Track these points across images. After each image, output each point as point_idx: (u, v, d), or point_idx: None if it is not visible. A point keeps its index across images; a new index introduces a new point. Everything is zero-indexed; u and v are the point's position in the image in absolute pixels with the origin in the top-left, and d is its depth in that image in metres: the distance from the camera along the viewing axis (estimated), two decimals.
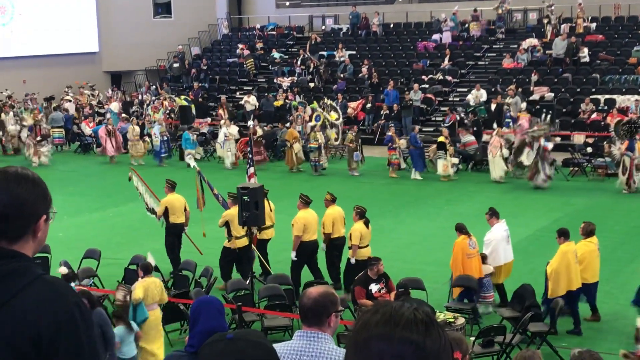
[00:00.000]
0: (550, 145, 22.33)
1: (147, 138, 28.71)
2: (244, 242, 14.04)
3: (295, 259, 14.04)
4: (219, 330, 4.63)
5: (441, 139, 24.04)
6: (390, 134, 24.96)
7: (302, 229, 13.94)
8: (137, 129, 28.05)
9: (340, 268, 14.24)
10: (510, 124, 25.74)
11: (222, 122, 27.84)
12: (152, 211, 16.01)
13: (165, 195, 15.54)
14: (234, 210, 13.97)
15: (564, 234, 12.21)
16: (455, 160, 24.16)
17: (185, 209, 15.38)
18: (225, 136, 26.56)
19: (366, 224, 13.72)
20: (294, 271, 14.06)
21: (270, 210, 14.61)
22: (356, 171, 24.88)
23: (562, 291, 11.93)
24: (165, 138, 27.58)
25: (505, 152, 23.08)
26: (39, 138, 28.01)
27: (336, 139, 26.22)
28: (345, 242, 14.21)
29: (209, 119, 31.29)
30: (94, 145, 30.33)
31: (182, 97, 33.30)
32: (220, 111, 30.37)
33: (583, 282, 12.21)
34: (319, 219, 14.28)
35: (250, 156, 16.59)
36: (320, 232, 14.27)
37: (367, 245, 13.75)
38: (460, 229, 12.86)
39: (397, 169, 24.63)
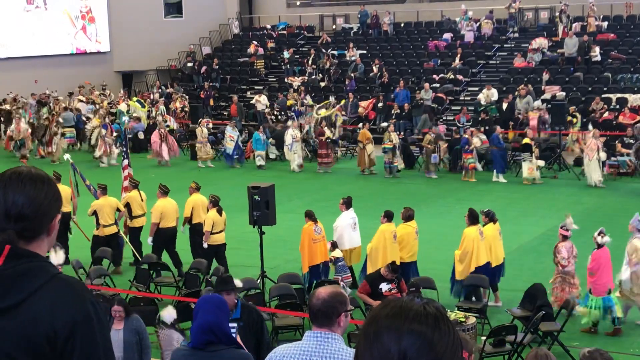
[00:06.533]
0: None
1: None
2: (112, 229, 15.39)
3: (152, 244, 15.14)
4: (214, 325, 4.72)
5: (526, 140, 23.00)
6: (466, 136, 23.72)
7: (160, 217, 15.04)
8: (205, 130, 26.94)
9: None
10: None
11: (288, 123, 26.81)
12: None
13: None
14: (102, 200, 15.44)
15: (387, 216, 13.54)
16: (541, 162, 22.90)
17: (72, 198, 16.18)
18: (293, 138, 25.44)
19: (219, 212, 14.56)
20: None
21: (142, 200, 15.83)
22: (434, 173, 24.01)
23: (380, 265, 12.85)
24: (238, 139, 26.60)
25: (603, 155, 22.03)
26: (115, 134, 27.23)
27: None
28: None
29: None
30: None
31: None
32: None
33: (400, 261, 13.20)
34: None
35: (125, 149, 17.75)
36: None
37: (220, 231, 14.59)
38: (309, 216, 13.78)
39: (473, 172, 23.45)
